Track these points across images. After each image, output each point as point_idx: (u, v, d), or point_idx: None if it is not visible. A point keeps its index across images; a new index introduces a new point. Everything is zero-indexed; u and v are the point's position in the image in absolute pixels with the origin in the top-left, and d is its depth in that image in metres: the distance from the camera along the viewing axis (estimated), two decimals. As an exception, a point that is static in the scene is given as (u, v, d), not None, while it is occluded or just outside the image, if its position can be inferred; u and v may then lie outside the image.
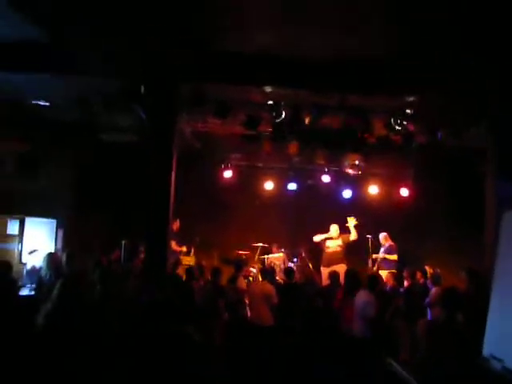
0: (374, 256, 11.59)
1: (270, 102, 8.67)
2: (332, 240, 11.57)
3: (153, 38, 7.37)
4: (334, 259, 11.29)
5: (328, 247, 11.53)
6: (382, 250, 11.60)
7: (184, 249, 11.53)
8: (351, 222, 11.59)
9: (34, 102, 9.11)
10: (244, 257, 12.22)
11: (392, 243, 11.52)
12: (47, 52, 7.47)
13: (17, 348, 5.57)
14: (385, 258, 11.36)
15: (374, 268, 11.41)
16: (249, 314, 8.46)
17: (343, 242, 11.51)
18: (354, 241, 11.57)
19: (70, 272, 7.30)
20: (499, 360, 3.25)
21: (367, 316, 7.28)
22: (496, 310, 3.21)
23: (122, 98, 8.42)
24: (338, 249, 11.45)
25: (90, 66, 7.80)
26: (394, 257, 11.34)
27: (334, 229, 11.61)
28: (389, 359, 3.93)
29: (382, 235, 11.75)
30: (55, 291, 4.99)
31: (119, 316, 5.76)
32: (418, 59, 7.41)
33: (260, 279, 9.01)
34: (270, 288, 8.43)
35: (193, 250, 11.72)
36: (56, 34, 6.95)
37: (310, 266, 12.04)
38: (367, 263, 11.69)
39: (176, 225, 11.51)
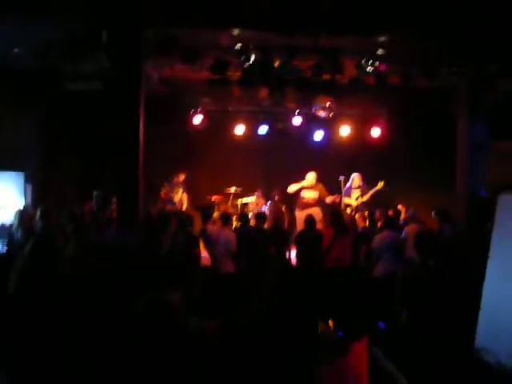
0: (364, 197, 11.41)
1: (238, 46, 8.43)
2: (308, 190, 11.28)
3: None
4: (309, 204, 11.25)
5: (303, 197, 11.27)
6: (359, 192, 11.46)
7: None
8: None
9: None
10: (216, 202, 12.22)
11: (364, 185, 11.51)
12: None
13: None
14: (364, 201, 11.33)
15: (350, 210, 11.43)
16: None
17: (320, 195, 11.24)
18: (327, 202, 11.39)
19: (42, 229, 7.18)
20: (492, 353, 3.27)
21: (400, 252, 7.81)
22: (489, 301, 3.18)
23: (84, 45, 8.10)
24: (313, 201, 11.24)
25: (49, 8, 7.48)
26: (368, 197, 11.36)
27: (311, 177, 11.29)
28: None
29: (358, 176, 11.59)
30: (27, 250, 4.89)
31: (97, 267, 5.71)
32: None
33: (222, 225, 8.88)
34: (230, 234, 8.47)
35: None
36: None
37: (284, 209, 12.05)
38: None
39: (182, 177, 11.45)
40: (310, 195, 11.27)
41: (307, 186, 11.29)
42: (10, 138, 10.13)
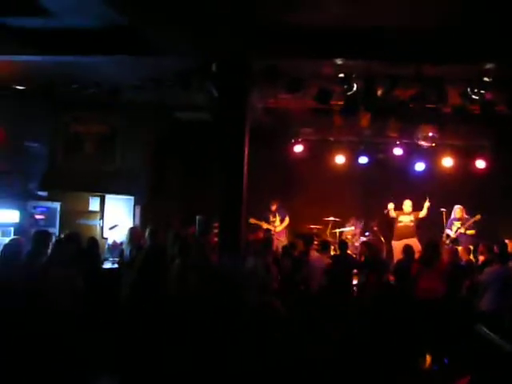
0: (462, 229, 11.18)
1: (342, 75, 8.59)
2: (404, 215, 11.54)
3: (224, 16, 7.45)
4: (406, 233, 11.24)
5: (400, 221, 11.51)
6: (460, 223, 11.19)
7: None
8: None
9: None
10: (315, 231, 12.28)
11: (465, 217, 11.20)
12: (126, 36, 7.67)
13: (103, 316, 5.91)
14: (463, 233, 11.03)
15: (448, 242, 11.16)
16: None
17: (415, 217, 11.47)
18: (423, 218, 11.49)
19: (151, 246, 7.58)
20: None
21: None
22: None
23: (195, 77, 8.56)
24: (411, 224, 11.41)
25: (164, 46, 8.01)
26: (472, 232, 11.02)
27: (408, 205, 11.57)
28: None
29: (460, 208, 11.37)
30: (138, 263, 5.22)
31: (201, 287, 5.96)
32: (495, 24, 7.15)
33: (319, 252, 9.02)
34: (327, 261, 8.63)
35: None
36: (134, 19, 7.15)
37: (382, 239, 11.96)
38: (441, 237, 11.47)
39: (275, 205, 11.71)
40: (406, 219, 11.47)
41: (403, 213, 11.56)
42: (123, 165, 10.81)
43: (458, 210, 11.34)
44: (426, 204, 11.43)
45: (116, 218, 10.09)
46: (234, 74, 8.43)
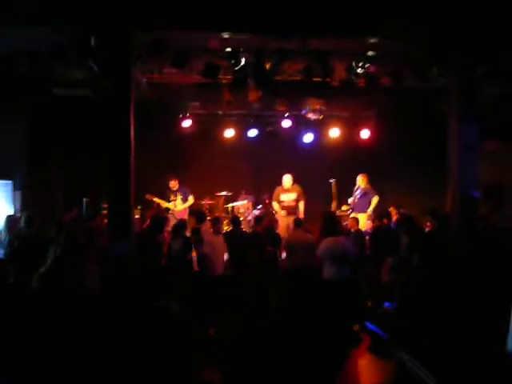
0: (350, 200, 11.37)
1: (229, 49, 8.41)
2: (285, 193, 11.34)
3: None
4: (289, 207, 11.24)
5: (283, 201, 11.32)
6: (357, 192, 11.29)
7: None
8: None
9: None
10: (208, 206, 12.16)
11: (368, 186, 11.23)
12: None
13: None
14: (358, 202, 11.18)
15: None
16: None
17: (297, 194, 11.29)
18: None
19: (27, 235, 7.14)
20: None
21: (348, 259, 7.44)
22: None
23: (72, 50, 8.01)
24: (292, 203, 11.26)
25: (36, 16, 7.41)
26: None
27: (287, 179, 11.36)
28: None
29: (360, 177, 11.36)
30: (51, 255, 4.92)
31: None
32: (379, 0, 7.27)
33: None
34: (221, 238, 8.51)
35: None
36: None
37: (274, 212, 12.04)
38: (331, 207, 11.74)
39: (175, 183, 11.31)
40: (288, 198, 11.32)
41: (284, 190, 11.36)
42: (-1, 146, 10.02)
43: (359, 179, 11.41)
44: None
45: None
46: (115, 47, 7.96)
